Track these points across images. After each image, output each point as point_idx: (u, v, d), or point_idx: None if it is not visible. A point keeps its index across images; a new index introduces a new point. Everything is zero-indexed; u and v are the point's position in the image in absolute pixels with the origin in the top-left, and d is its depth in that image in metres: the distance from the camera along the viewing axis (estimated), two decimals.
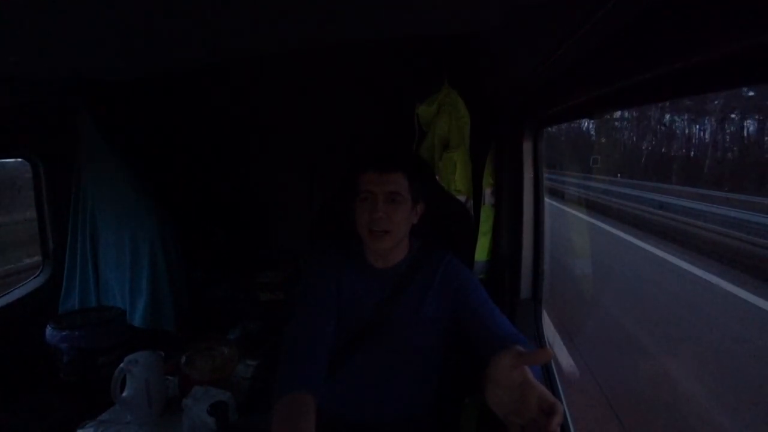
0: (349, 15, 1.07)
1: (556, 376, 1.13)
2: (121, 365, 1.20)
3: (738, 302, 3.73)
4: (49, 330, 1.45)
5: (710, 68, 0.47)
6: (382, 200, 0.97)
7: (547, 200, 1.34)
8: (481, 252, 1.43)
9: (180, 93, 1.77)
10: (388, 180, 0.97)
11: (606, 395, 2.52)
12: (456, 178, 1.38)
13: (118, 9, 0.89)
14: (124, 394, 1.21)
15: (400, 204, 0.98)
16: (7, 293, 1.68)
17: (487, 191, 1.44)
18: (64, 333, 1.43)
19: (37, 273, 1.80)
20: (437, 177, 1.38)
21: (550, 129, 1.29)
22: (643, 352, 3.15)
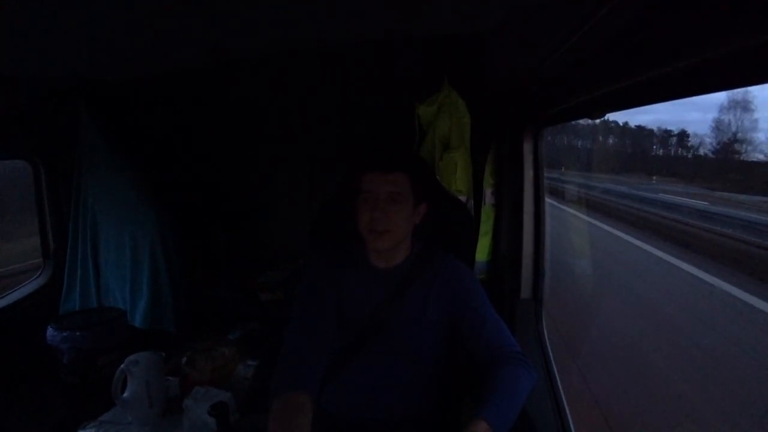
0: (349, 15, 1.07)
1: (557, 377, 1.13)
2: (122, 366, 1.20)
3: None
4: (49, 331, 1.45)
5: (710, 68, 0.47)
6: (383, 199, 0.97)
7: None
8: (482, 252, 1.43)
9: (180, 93, 1.77)
10: (389, 180, 0.98)
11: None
12: (456, 178, 1.38)
13: (118, 9, 0.89)
14: (124, 394, 1.21)
15: (401, 204, 0.98)
16: (8, 294, 1.68)
17: (488, 191, 1.44)
18: (64, 333, 1.43)
19: (38, 274, 1.80)
20: (438, 177, 1.38)
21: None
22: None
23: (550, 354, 1.19)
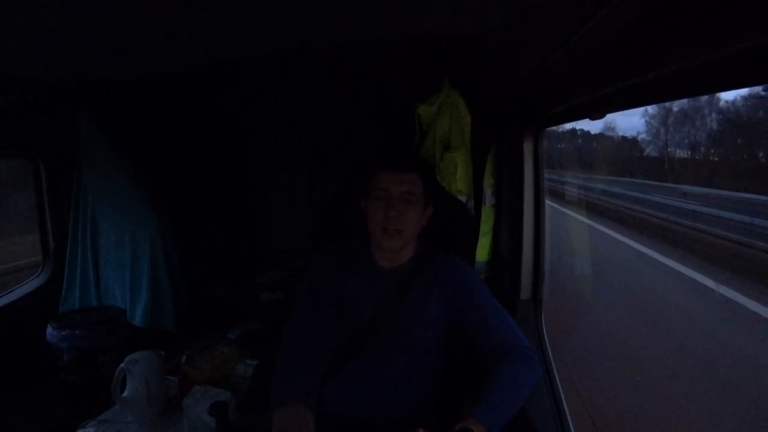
0: (350, 16, 1.07)
1: (557, 378, 1.12)
2: (122, 365, 1.20)
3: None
4: (49, 329, 1.45)
5: (710, 68, 0.47)
6: (398, 199, 0.97)
7: None
8: (482, 252, 1.43)
9: (180, 92, 1.77)
10: (404, 180, 0.98)
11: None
12: (457, 179, 1.39)
13: (119, 9, 0.89)
14: (124, 393, 1.21)
15: (414, 204, 0.99)
16: (8, 292, 1.68)
17: (488, 191, 1.44)
18: (64, 332, 1.43)
19: (38, 272, 1.81)
20: (438, 177, 1.38)
21: None
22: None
23: (550, 354, 1.19)
